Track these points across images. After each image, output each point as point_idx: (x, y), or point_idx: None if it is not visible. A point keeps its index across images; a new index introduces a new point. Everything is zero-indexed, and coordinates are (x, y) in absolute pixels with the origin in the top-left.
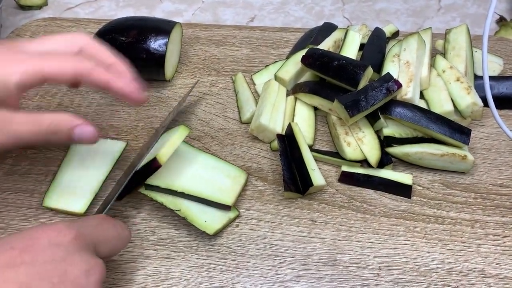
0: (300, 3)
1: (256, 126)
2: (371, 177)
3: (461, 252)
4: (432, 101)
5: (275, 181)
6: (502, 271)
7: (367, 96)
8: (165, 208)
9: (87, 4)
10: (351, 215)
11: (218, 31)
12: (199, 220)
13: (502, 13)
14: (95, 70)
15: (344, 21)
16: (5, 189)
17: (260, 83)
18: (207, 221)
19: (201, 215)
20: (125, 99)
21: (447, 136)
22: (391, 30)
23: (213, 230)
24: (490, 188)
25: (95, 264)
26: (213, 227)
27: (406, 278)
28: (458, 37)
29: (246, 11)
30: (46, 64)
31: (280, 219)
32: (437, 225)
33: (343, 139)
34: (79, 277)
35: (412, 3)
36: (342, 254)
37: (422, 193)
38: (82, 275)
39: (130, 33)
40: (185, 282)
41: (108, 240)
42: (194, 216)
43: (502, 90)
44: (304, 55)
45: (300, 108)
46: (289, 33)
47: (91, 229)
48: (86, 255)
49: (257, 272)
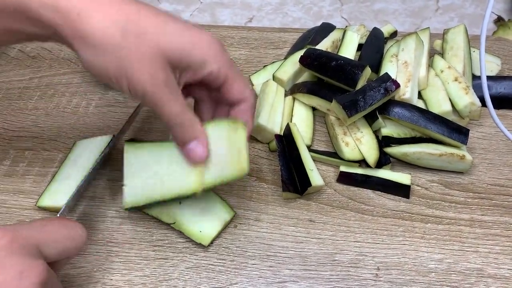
0: (298, 4)
1: (254, 127)
2: (369, 177)
3: (460, 252)
4: (430, 101)
5: (274, 182)
6: (501, 271)
7: (365, 96)
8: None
9: None
10: (350, 215)
11: (216, 32)
12: (193, 231)
13: (500, 13)
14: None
15: (342, 21)
16: (3, 190)
17: (258, 84)
18: (202, 231)
19: (195, 225)
20: None
21: (445, 136)
22: (389, 30)
23: (208, 241)
24: (488, 188)
25: (33, 266)
26: (209, 236)
27: (405, 278)
28: (456, 37)
29: (244, 12)
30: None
31: (279, 220)
32: (436, 225)
33: (341, 139)
34: (9, 282)
35: (410, 3)
36: (340, 254)
37: (421, 193)
38: (13, 279)
39: None
40: (184, 283)
41: (56, 240)
42: (188, 227)
43: (500, 90)
44: (302, 56)
45: (298, 108)
46: (287, 33)
47: (34, 231)
48: (22, 258)
49: (256, 273)
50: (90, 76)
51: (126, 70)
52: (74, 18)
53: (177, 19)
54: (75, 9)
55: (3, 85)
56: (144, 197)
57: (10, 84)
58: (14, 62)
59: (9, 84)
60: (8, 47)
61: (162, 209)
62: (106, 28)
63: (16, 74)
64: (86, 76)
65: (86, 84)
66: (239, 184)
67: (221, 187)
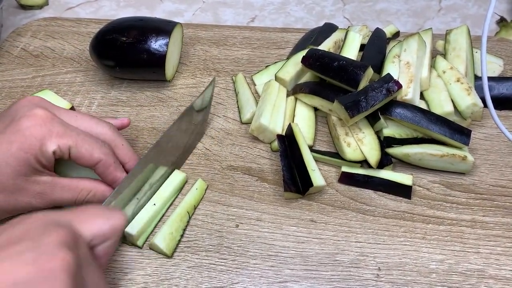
0: (300, 4)
1: (256, 127)
2: (371, 178)
3: (461, 253)
4: (432, 102)
5: (275, 182)
6: (502, 272)
7: (367, 96)
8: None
9: (88, 4)
10: (351, 216)
11: (218, 32)
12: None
13: (503, 13)
14: (112, 166)
15: (345, 21)
16: None
17: (261, 84)
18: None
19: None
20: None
21: (447, 137)
22: (391, 30)
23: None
24: (490, 189)
25: (57, 229)
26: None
27: (406, 278)
28: (459, 37)
29: (247, 12)
30: (80, 144)
31: (280, 220)
32: (437, 225)
33: (343, 140)
34: (31, 238)
35: (412, 3)
36: (341, 254)
37: (422, 194)
38: (36, 235)
39: (131, 33)
40: (185, 282)
41: (88, 218)
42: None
43: (502, 91)
44: (305, 56)
45: (300, 108)
46: (290, 33)
47: (65, 213)
48: (50, 226)
49: (257, 272)
50: (93, 75)
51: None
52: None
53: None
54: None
55: (6, 83)
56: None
57: (13, 82)
58: (17, 61)
59: (12, 83)
60: (11, 46)
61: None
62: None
63: (19, 73)
64: (89, 75)
65: (89, 83)
66: (241, 184)
67: (222, 188)
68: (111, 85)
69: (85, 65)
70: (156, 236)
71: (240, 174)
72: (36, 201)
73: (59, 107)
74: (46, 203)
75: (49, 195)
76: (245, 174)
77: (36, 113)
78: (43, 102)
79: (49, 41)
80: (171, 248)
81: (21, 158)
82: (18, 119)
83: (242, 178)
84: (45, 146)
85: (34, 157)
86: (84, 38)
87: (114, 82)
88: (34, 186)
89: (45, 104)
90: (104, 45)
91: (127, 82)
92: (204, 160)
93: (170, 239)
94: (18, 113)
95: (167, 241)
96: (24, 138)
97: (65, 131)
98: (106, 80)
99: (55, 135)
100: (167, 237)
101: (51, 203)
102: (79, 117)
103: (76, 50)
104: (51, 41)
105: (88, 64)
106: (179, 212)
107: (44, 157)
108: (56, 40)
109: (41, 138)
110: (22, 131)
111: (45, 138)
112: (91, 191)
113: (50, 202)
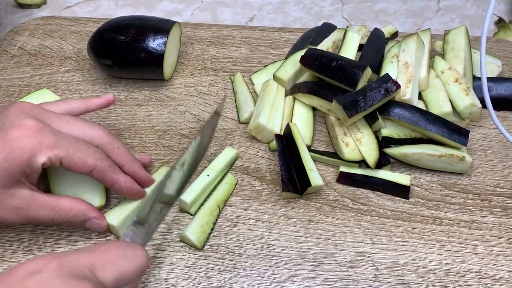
0: (299, 3)
1: (254, 126)
2: (369, 178)
3: (459, 253)
4: (431, 102)
5: (273, 181)
6: (500, 272)
7: (365, 96)
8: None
9: (86, 3)
10: (349, 216)
11: (217, 31)
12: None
13: (501, 14)
14: (108, 170)
15: (343, 21)
16: None
17: (259, 83)
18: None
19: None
20: (126, 196)
21: (445, 137)
22: (390, 31)
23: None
24: (488, 189)
25: (79, 285)
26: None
27: (404, 279)
28: (457, 38)
29: (245, 11)
30: (72, 153)
31: (278, 219)
32: (435, 226)
33: (341, 140)
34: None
35: (411, 4)
36: (339, 254)
37: (420, 194)
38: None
39: (129, 32)
40: (183, 282)
41: (110, 262)
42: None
43: (500, 92)
44: (303, 56)
45: (299, 108)
46: (288, 33)
47: (84, 254)
48: (70, 279)
49: (255, 272)
50: (91, 74)
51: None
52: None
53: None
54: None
55: (3, 82)
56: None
57: (10, 81)
58: (14, 59)
59: (9, 82)
60: (9, 44)
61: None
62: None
63: (17, 72)
64: (87, 74)
65: (87, 82)
66: (239, 184)
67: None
68: (109, 84)
69: (83, 64)
70: (187, 228)
71: (238, 173)
72: (11, 217)
73: (49, 112)
74: (22, 219)
75: (25, 211)
76: (243, 174)
77: (25, 124)
78: (33, 109)
79: (47, 40)
80: (202, 241)
81: (4, 169)
82: (6, 128)
83: (240, 178)
84: (34, 158)
85: (19, 169)
86: (82, 37)
87: (112, 81)
88: (11, 200)
89: (35, 111)
90: (102, 44)
91: (125, 81)
92: (203, 160)
93: (200, 232)
94: (7, 122)
95: (198, 233)
96: (10, 149)
97: (56, 141)
98: (104, 79)
99: (45, 147)
100: (198, 230)
101: (27, 220)
102: (71, 122)
103: (74, 49)
104: (49, 40)
105: (86, 63)
106: (209, 205)
107: (30, 168)
108: (54, 39)
109: (30, 150)
110: (9, 142)
111: (35, 150)
112: (71, 210)
113: (26, 218)
